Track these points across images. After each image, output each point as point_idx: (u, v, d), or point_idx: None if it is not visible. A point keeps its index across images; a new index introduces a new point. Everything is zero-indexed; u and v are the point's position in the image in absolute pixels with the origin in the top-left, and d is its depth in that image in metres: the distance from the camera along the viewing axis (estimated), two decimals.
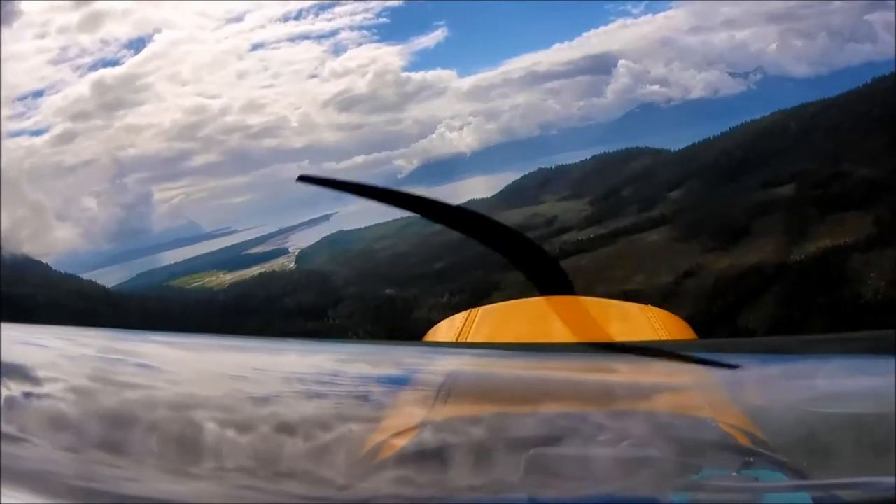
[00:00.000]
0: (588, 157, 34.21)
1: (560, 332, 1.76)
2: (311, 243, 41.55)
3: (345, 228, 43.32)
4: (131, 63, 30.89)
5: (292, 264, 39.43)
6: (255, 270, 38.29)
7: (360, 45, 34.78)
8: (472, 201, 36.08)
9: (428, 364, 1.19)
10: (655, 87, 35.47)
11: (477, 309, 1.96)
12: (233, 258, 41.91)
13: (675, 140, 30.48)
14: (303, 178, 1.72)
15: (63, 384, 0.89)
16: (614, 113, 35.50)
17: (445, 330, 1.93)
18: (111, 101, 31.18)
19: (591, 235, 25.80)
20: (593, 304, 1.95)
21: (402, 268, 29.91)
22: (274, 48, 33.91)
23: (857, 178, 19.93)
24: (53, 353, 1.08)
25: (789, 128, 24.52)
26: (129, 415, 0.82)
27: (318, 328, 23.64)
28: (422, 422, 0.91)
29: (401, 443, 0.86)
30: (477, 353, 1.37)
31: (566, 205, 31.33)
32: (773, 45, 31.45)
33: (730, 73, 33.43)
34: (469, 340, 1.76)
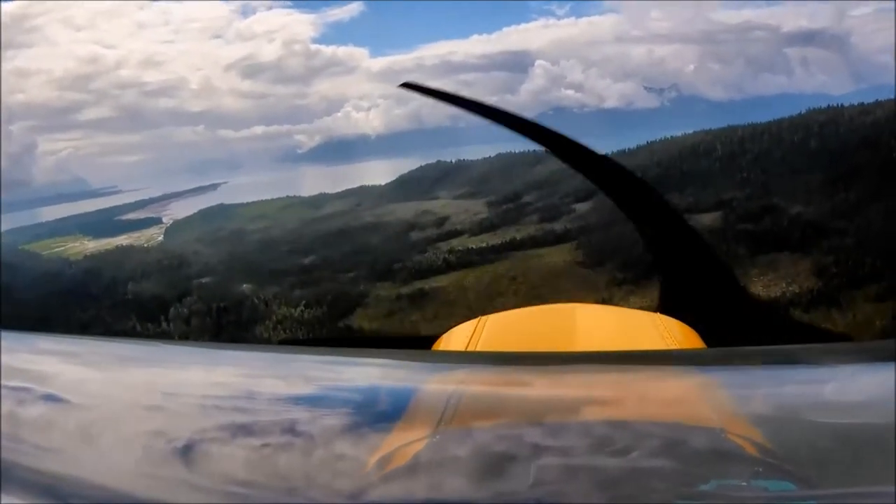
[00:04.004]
0: (492, 155, 31.37)
1: (569, 341, 1.80)
2: (188, 214, 37.96)
3: (226, 202, 39.47)
4: (21, 2, 24.47)
5: (160, 237, 35.78)
6: (118, 241, 34.60)
7: (270, 8, 29.82)
8: (363, 187, 33.07)
9: (437, 373, 1.22)
10: (570, 92, 33.75)
11: (486, 317, 1.97)
12: (104, 222, 39.23)
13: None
14: (406, 86, 1.67)
15: None
16: (527, 112, 32.79)
17: (455, 338, 1.94)
18: None
19: (484, 245, 21.78)
20: (602, 312, 2.12)
21: (268, 257, 25.29)
22: (177, 0, 28.15)
23: (792, 215, 16.70)
24: None
25: (714, 150, 21.05)
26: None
27: (144, 333, 18.74)
28: (431, 431, 0.88)
29: (410, 453, 0.83)
30: (486, 362, 1.36)
31: (461, 204, 27.69)
32: (691, 66, 29.81)
33: (646, 87, 32.54)
34: (479, 349, 1.78)
